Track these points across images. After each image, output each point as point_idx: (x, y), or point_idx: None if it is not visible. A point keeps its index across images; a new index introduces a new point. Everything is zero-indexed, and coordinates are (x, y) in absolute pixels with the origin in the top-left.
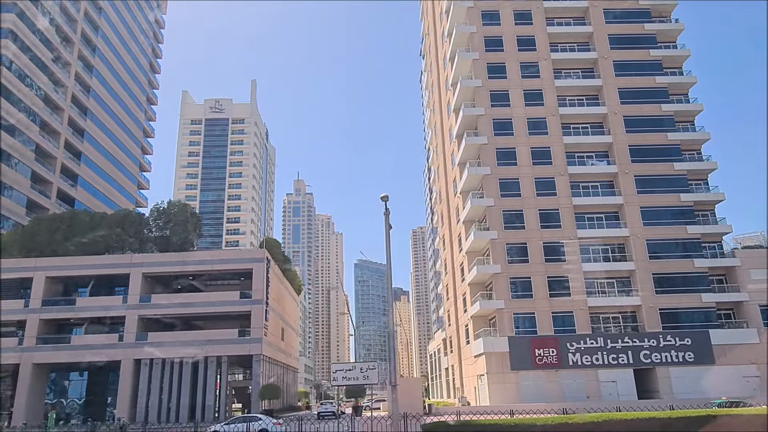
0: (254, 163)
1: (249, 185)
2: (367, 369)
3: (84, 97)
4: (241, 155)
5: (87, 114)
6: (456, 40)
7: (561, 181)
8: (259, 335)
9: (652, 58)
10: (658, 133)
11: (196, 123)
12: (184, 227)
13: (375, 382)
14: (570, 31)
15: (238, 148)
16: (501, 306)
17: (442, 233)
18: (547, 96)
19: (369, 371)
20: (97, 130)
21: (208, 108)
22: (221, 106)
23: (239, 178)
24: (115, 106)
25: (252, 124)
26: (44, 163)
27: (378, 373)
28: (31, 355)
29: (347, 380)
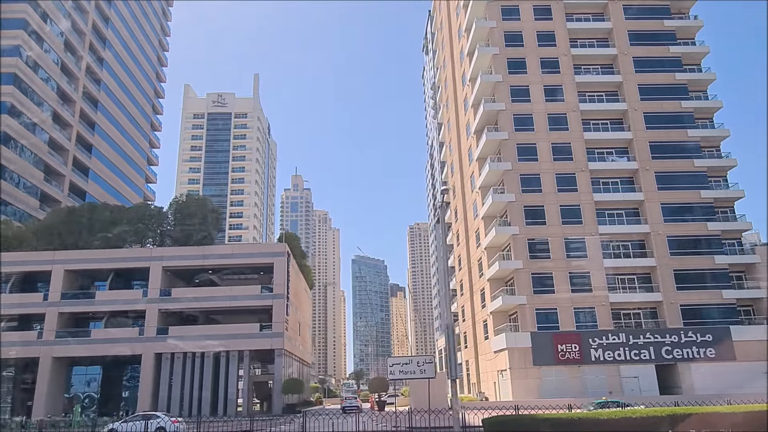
0: (257, 157)
1: (252, 180)
2: (423, 363)
3: (95, 88)
4: (243, 150)
5: (97, 106)
6: (475, 35)
7: (582, 177)
8: (280, 330)
9: (672, 55)
10: (678, 129)
11: (198, 117)
12: (204, 221)
13: (432, 375)
14: (589, 27)
15: (240, 142)
16: (523, 301)
17: (456, 229)
18: (567, 92)
19: (426, 365)
20: (107, 123)
21: (210, 102)
22: (224, 100)
23: (242, 173)
24: (124, 99)
25: (255, 119)
26: (57, 155)
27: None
28: (51, 349)
29: (404, 374)
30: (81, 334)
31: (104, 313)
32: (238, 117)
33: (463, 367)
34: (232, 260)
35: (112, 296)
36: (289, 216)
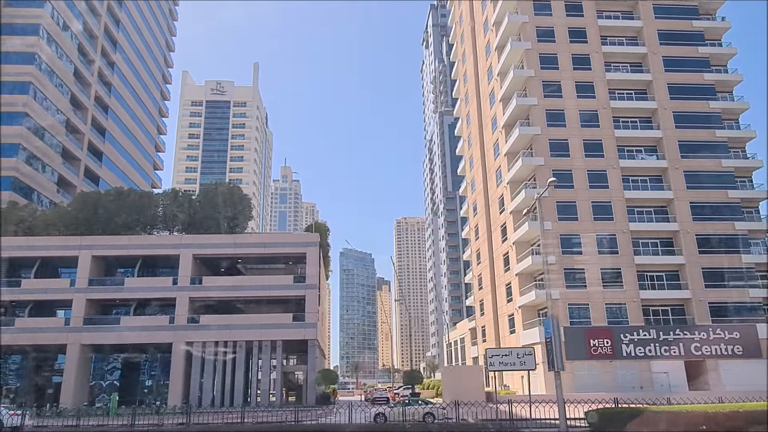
0: (255, 147)
1: (250, 170)
2: (523, 354)
3: (108, 72)
4: (242, 139)
5: (111, 90)
6: (507, 29)
7: (613, 174)
8: (313, 320)
9: (700, 55)
10: (706, 129)
11: (196, 104)
12: (234, 209)
13: (532, 367)
14: (619, 25)
15: (239, 131)
16: (557, 296)
17: (474, 223)
18: (598, 89)
19: (525, 357)
20: (120, 108)
21: (209, 90)
22: (222, 88)
23: (240, 162)
24: (135, 84)
25: (254, 108)
26: (73, 138)
27: (529, 359)
28: (79, 336)
29: (503, 365)
30: (110, 321)
31: (133, 301)
32: (237, 106)
33: (480, 360)
34: (265, 249)
35: (141, 283)
36: (278, 207)
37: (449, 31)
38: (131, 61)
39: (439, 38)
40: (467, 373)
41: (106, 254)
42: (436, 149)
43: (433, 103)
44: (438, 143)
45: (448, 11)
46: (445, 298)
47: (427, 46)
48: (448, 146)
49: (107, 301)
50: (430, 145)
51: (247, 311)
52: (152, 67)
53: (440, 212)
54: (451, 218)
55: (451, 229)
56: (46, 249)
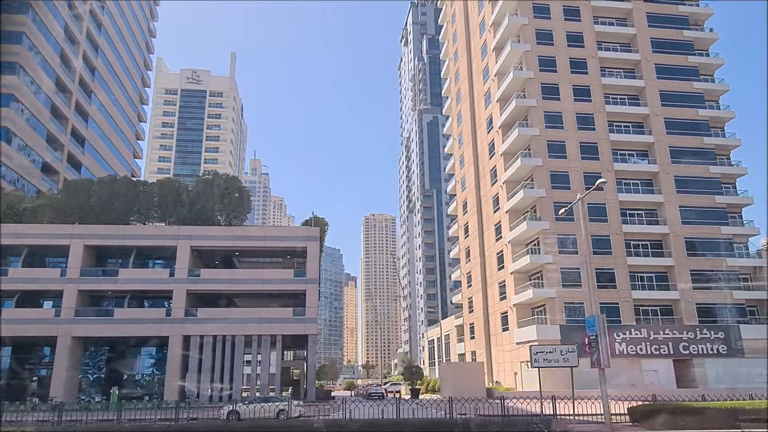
0: (231, 138)
1: (226, 161)
2: (567, 351)
3: (93, 55)
4: (218, 130)
5: (95, 74)
6: (506, 31)
7: (607, 177)
8: (313, 315)
9: (690, 64)
10: (695, 136)
11: (171, 93)
12: (232, 201)
13: (575, 364)
14: (614, 31)
15: (215, 122)
16: (552, 295)
17: (464, 221)
18: (594, 93)
19: (569, 353)
20: (102, 93)
21: (184, 78)
22: (198, 77)
23: (216, 153)
24: (118, 69)
25: (231, 99)
26: (58, 123)
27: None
28: (70, 328)
29: (548, 362)
30: (103, 313)
31: (126, 293)
32: (213, 96)
33: (467, 357)
34: (265, 243)
35: (136, 275)
36: None
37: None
38: (115, 46)
39: (419, 36)
40: (468, 369)
41: (98, 244)
42: (414, 147)
43: (412, 100)
44: (416, 141)
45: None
46: (420, 295)
47: (406, 44)
48: (426, 144)
49: (99, 292)
50: (407, 143)
51: (241, 305)
52: (135, 53)
53: (417, 210)
54: (428, 216)
55: (427, 227)
56: (34, 237)
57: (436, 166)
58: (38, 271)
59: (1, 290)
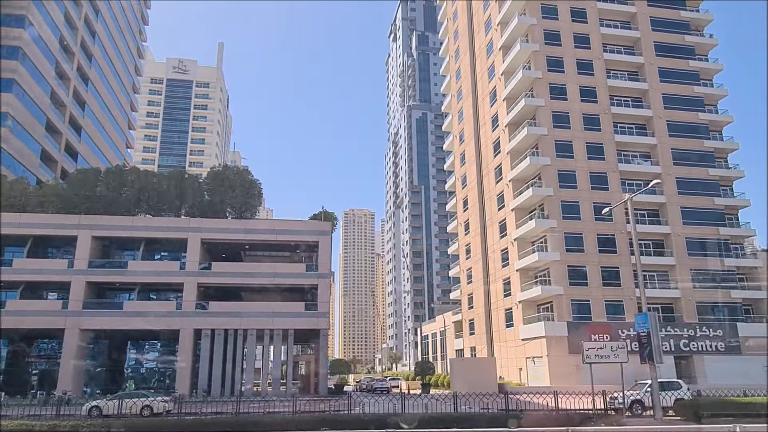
0: (218, 130)
1: (212, 153)
2: (617, 348)
3: (90, 40)
4: (204, 121)
5: (91, 61)
6: (515, 30)
7: (613, 177)
8: (325, 309)
9: (691, 68)
10: (695, 139)
11: (156, 82)
12: (244, 194)
13: (625, 360)
14: (620, 34)
15: (201, 113)
16: (560, 292)
17: (465, 218)
18: (600, 94)
19: (618, 350)
20: (98, 80)
21: (170, 67)
22: (185, 66)
23: (202, 144)
24: (113, 56)
25: (218, 90)
26: (57, 111)
27: (622, 352)
28: (78, 320)
29: (599, 358)
30: (112, 305)
31: (135, 285)
32: (200, 86)
33: (466, 353)
34: (276, 236)
35: (146, 267)
36: None
37: (429, 26)
38: (110, 32)
39: (408, 32)
40: (480, 364)
41: (107, 235)
42: (402, 143)
43: (400, 96)
44: (405, 137)
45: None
46: (406, 291)
47: (394, 39)
48: (415, 140)
49: (106, 284)
50: (395, 138)
51: (247, 299)
52: (128, 40)
53: (404, 206)
54: (416, 212)
55: (415, 223)
56: (40, 227)
57: (424, 163)
58: (44, 261)
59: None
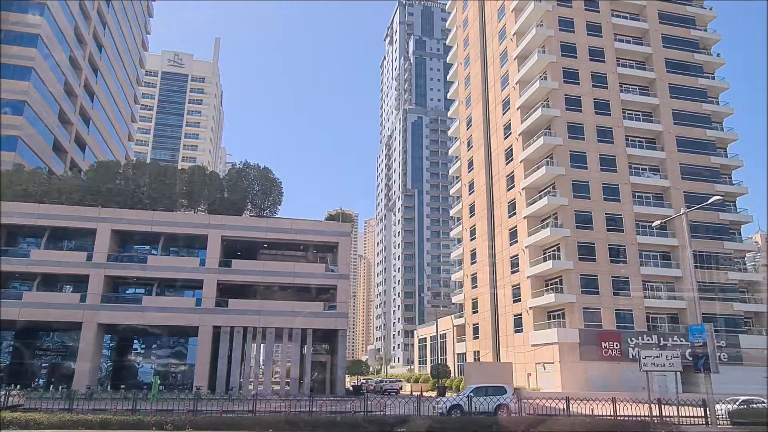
0: (212, 126)
1: (206, 149)
2: (671, 357)
3: (101, 31)
4: (198, 116)
5: (102, 52)
6: (532, 41)
7: (624, 189)
8: (345, 309)
9: (700, 86)
10: (702, 155)
11: (151, 74)
12: (266, 192)
13: (680, 369)
14: (632, 49)
15: (196, 107)
16: (573, 300)
17: (471, 224)
18: (613, 107)
19: (673, 359)
20: (107, 71)
21: (165, 60)
22: (181, 60)
23: (195, 140)
24: (120, 47)
25: (213, 85)
26: (68, 100)
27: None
28: (96, 314)
29: (655, 366)
30: (131, 300)
31: (153, 280)
32: (195, 80)
33: (469, 357)
34: (297, 236)
35: (166, 262)
36: None
37: (427, 31)
38: (119, 22)
39: (405, 36)
40: (495, 369)
41: (126, 229)
42: (397, 146)
43: (396, 99)
44: (400, 140)
45: (427, 11)
46: (397, 293)
47: (391, 42)
48: (410, 144)
49: (124, 279)
50: (388, 141)
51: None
52: (135, 31)
53: (397, 209)
54: (409, 215)
55: (408, 226)
56: (58, 218)
57: (418, 167)
58: (63, 254)
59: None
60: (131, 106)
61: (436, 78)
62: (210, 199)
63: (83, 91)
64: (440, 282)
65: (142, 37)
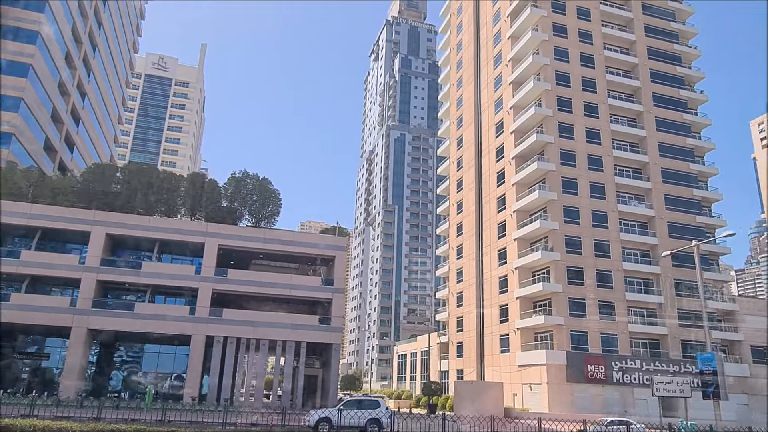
0: (194, 131)
1: (186, 155)
2: (682, 383)
3: (96, 30)
4: (181, 121)
5: (95, 51)
6: (528, 68)
7: (612, 217)
8: (339, 324)
9: (684, 121)
10: (685, 187)
11: (134, 76)
12: (264, 203)
13: (689, 395)
14: (622, 82)
15: (178, 112)
16: (561, 322)
17: (458, 243)
18: (603, 137)
19: (684, 385)
20: (99, 71)
21: (149, 63)
22: (165, 63)
23: (177, 144)
24: (113, 48)
25: (197, 90)
26: (62, 99)
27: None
28: (86, 319)
29: (667, 391)
30: (123, 306)
31: (146, 287)
32: (179, 85)
33: (452, 375)
34: (294, 248)
35: (161, 269)
36: None
37: (413, 50)
38: (114, 24)
39: (391, 54)
40: (486, 388)
41: (121, 233)
42: (379, 161)
43: (379, 115)
44: (382, 156)
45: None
46: (373, 308)
47: (376, 59)
48: (392, 160)
49: (116, 284)
50: (370, 156)
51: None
52: (127, 34)
53: (377, 224)
54: (388, 230)
55: (387, 241)
56: (51, 219)
57: (399, 183)
58: (54, 256)
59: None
60: (119, 108)
61: (420, 96)
62: (209, 207)
63: (76, 90)
64: (417, 299)
65: (133, 38)
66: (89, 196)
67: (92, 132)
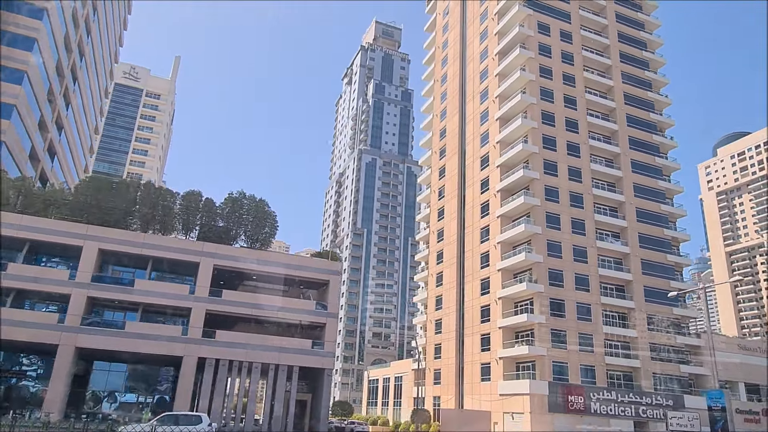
0: (162, 144)
1: (153, 167)
2: (692, 418)
3: (85, 39)
4: (150, 132)
5: (82, 60)
6: (515, 107)
7: (591, 253)
8: (332, 349)
9: (657, 164)
10: (658, 227)
11: None
12: (259, 225)
13: (698, 430)
14: (601, 124)
15: (147, 124)
16: (543, 353)
17: (438, 270)
18: (584, 175)
19: (694, 420)
20: (83, 79)
21: (121, 72)
22: (137, 73)
23: (144, 156)
24: (98, 56)
25: (168, 103)
26: (49, 107)
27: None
28: (74, 337)
29: (680, 426)
30: (113, 324)
31: (137, 305)
32: (150, 96)
33: (428, 402)
34: (288, 271)
35: (154, 287)
36: None
37: (386, 77)
38: (100, 33)
39: (365, 79)
40: (474, 417)
41: (115, 249)
42: (349, 184)
43: (351, 139)
44: (353, 179)
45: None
46: (338, 331)
47: (350, 83)
48: (363, 184)
49: (105, 301)
50: (339, 179)
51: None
52: (110, 44)
53: (345, 246)
54: (356, 254)
55: (354, 264)
56: (42, 232)
57: (369, 207)
58: (44, 270)
59: None
60: (97, 117)
61: (392, 123)
62: (205, 226)
63: (62, 98)
64: (382, 323)
65: (115, 48)
66: (82, 209)
67: (72, 142)
